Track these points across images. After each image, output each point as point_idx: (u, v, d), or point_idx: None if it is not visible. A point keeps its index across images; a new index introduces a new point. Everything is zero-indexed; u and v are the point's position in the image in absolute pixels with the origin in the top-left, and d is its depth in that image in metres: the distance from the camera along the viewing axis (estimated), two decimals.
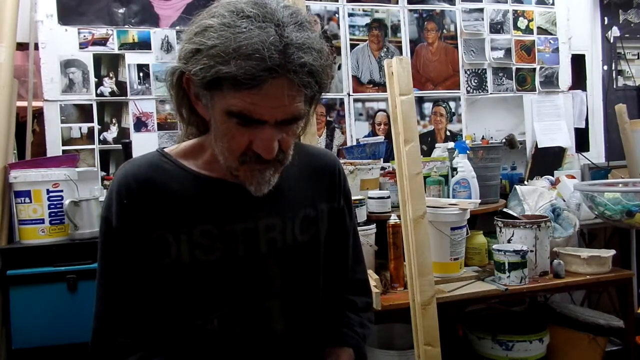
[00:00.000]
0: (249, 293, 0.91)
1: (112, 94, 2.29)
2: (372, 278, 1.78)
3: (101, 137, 2.28)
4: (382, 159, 2.35)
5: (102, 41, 2.27)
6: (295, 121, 0.82)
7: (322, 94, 0.86)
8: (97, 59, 2.27)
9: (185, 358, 0.91)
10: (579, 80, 3.06)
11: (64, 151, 2.22)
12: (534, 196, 2.38)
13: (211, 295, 0.89)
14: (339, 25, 2.60)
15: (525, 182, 2.69)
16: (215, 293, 0.89)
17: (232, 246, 0.89)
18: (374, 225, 2.00)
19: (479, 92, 2.82)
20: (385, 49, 2.67)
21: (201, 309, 0.89)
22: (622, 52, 3.15)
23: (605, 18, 3.12)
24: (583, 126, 3.04)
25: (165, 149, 0.94)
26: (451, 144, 2.40)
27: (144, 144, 2.25)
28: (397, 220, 1.87)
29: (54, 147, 2.21)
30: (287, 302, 0.94)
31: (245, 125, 0.79)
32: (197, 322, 0.89)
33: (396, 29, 2.69)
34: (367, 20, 2.64)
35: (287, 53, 0.75)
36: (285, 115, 0.79)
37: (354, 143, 2.58)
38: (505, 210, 2.24)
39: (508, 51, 2.87)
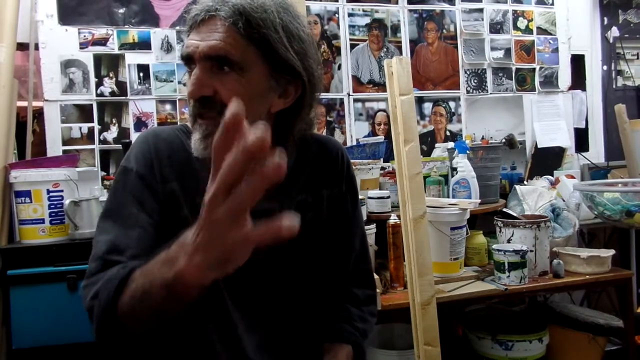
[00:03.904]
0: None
1: (112, 94, 2.29)
2: None
3: (101, 137, 2.28)
4: (382, 159, 2.35)
5: (102, 41, 2.27)
6: (220, 58, 0.83)
7: (272, 49, 0.84)
8: (97, 59, 2.27)
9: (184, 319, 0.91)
10: (578, 80, 3.06)
11: (64, 151, 2.22)
12: (534, 196, 2.38)
13: None
14: (339, 25, 2.60)
15: (525, 182, 2.69)
16: None
17: None
18: (374, 225, 2.00)
19: (479, 92, 2.82)
20: (385, 49, 2.67)
21: None
22: (622, 52, 3.15)
23: (605, 18, 3.12)
24: (583, 126, 3.04)
25: (188, 124, 0.98)
26: (451, 144, 2.40)
27: None
28: (397, 220, 1.87)
29: (54, 147, 2.21)
30: (275, 286, 0.95)
31: (190, 72, 0.87)
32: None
33: (396, 29, 2.69)
34: (367, 20, 2.64)
35: (225, 1, 0.84)
36: (208, 48, 0.83)
37: (354, 143, 2.58)
38: (505, 210, 2.24)
39: (508, 51, 2.87)
